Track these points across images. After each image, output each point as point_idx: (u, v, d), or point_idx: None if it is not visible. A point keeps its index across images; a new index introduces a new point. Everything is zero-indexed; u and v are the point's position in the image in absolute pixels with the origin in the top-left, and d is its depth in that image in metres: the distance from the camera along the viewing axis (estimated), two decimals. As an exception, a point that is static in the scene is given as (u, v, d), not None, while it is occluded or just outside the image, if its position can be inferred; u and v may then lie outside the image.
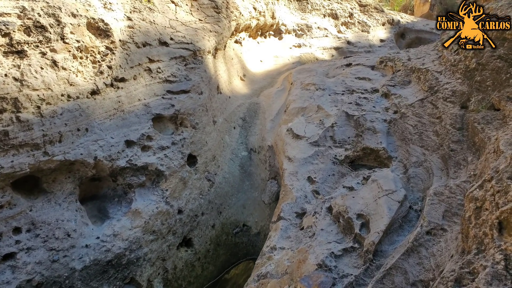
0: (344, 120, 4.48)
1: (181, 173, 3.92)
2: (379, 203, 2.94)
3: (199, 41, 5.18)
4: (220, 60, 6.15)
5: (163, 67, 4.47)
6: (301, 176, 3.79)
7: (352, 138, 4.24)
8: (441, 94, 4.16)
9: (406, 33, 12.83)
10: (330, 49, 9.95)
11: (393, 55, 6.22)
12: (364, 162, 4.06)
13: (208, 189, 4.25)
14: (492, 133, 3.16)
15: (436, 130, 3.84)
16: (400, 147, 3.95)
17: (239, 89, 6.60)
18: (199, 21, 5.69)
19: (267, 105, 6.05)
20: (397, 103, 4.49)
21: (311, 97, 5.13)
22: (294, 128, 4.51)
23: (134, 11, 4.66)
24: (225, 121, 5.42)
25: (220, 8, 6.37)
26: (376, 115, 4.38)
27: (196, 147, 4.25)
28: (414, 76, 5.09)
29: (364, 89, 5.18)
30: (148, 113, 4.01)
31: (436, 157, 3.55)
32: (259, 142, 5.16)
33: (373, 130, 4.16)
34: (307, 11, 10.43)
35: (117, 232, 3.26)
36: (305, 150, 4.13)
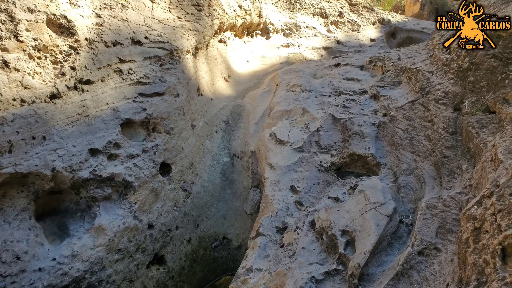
0: (330, 124, 4.19)
1: (152, 184, 3.59)
2: (366, 217, 2.65)
3: (176, 40, 4.86)
4: (202, 60, 5.83)
5: (136, 68, 4.14)
6: (283, 186, 3.49)
7: (338, 143, 3.95)
8: (433, 96, 3.89)
9: (397, 32, 12.62)
10: (319, 48, 9.68)
11: (382, 55, 5.96)
12: (352, 169, 3.78)
13: (184, 200, 3.93)
14: (488, 139, 2.89)
15: (428, 134, 3.57)
16: (390, 153, 3.67)
17: (222, 90, 6.29)
18: (178, 19, 5.37)
19: (251, 107, 5.75)
20: (386, 105, 4.21)
21: (296, 99, 4.83)
22: (278, 133, 4.21)
23: (105, 7, 4.33)
24: (206, 124, 5.10)
25: (201, 6, 6.05)
26: (364, 118, 4.10)
27: (170, 155, 3.93)
28: (404, 77, 4.83)
29: (352, 90, 4.90)
30: (116, 118, 3.68)
31: (428, 164, 3.27)
32: (242, 147, 4.86)
33: (361, 134, 3.87)
34: (295, 10, 10.15)
35: (76, 252, 2.92)
36: (289, 157, 3.83)
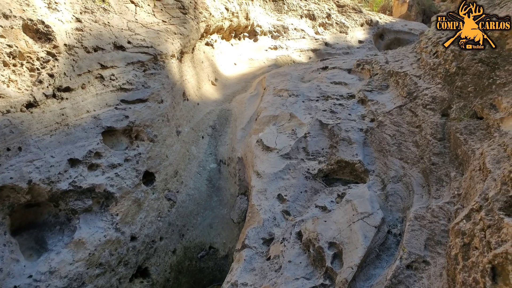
0: (318, 130, 4.13)
1: (135, 194, 3.48)
2: (354, 229, 2.58)
3: (161, 44, 4.75)
4: (188, 64, 5.73)
5: (118, 74, 4.02)
6: (270, 194, 3.41)
7: (326, 150, 3.88)
8: (421, 101, 3.86)
9: (385, 33, 12.65)
10: (308, 51, 9.63)
11: (370, 58, 5.92)
12: (339, 176, 3.72)
13: (168, 210, 3.83)
14: (476, 146, 2.85)
15: (416, 140, 3.52)
16: (378, 159, 3.62)
17: (209, 94, 6.19)
18: (163, 23, 5.26)
19: (239, 111, 5.66)
20: (374, 110, 4.17)
21: (283, 104, 4.76)
22: (265, 139, 4.13)
23: (85, 11, 4.20)
24: (192, 130, 5.00)
25: (187, 9, 5.95)
26: (352, 124, 4.04)
27: (154, 163, 3.82)
28: (392, 80, 4.79)
29: (339, 94, 4.85)
30: (97, 127, 3.56)
31: (416, 171, 3.22)
32: (229, 153, 4.77)
33: (348, 140, 3.82)
34: (283, 12, 10.09)
35: (54, 268, 2.80)
36: (276, 164, 3.76)
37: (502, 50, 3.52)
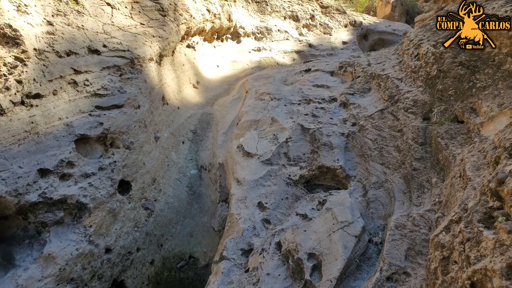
0: (299, 134, 4.05)
1: (109, 204, 3.35)
2: (334, 239, 2.51)
3: (138, 48, 4.61)
4: (167, 67, 5.60)
5: (92, 79, 3.88)
6: (250, 202, 3.32)
7: (307, 155, 3.81)
8: (402, 104, 3.82)
9: (369, 34, 12.70)
10: (291, 52, 9.58)
11: (353, 60, 5.89)
12: (321, 182, 3.65)
13: (146, 219, 3.70)
14: (456, 151, 2.81)
15: (397, 145, 3.48)
16: (359, 165, 3.56)
17: (190, 98, 6.07)
18: (141, 25, 5.12)
19: (221, 115, 5.56)
20: (355, 114, 4.11)
21: (265, 108, 4.68)
22: (245, 145, 4.04)
23: (58, 14, 4.05)
24: (171, 135, 4.88)
25: (166, 11, 5.82)
26: (333, 128, 3.98)
27: (130, 171, 3.69)
28: (374, 83, 4.75)
29: (321, 98, 4.79)
30: (70, 134, 3.42)
31: (398, 177, 3.17)
32: (210, 158, 4.66)
33: (330, 145, 3.75)
34: (266, 13, 10.02)
35: (21, 285, 2.65)
36: (257, 170, 3.67)
37: (481, 53, 3.50)
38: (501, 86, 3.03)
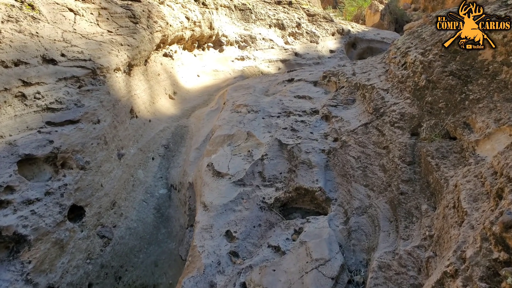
0: (276, 151, 3.67)
1: (56, 234, 2.92)
2: (306, 282, 2.11)
3: (102, 57, 4.21)
4: (139, 77, 5.20)
5: (45, 92, 3.47)
6: (217, 232, 2.91)
7: (284, 174, 3.43)
8: (388, 118, 3.47)
9: (357, 42, 12.47)
10: (277, 61, 9.26)
11: (337, 69, 5.56)
12: (299, 205, 3.26)
13: (101, 249, 3.27)
14: (449, 173, 2.45)
15: (383, 164, 3.11)
16: (341, 186, 3.18)
17: (165, 109, 5.67)
18: (108, 33, 4.73)
19: (196, 128, 5.17)
20: (337, 128, 3.75)
21: (240, 121, 4.30)
22: (216, 163, 3.64)
23: (8, 21, 3.64)
24: (139, 151, 4.46)
25: (138, 18, 5.44)
26: (313, 144, 3.61)
27: (84, 195, 3.26)
28: (359, 94, 4.41)
29: (302, 110, 4.43)
30: (12, 155, 2.98)
31: (383, 201, 2.80)
32: (181, 177, 4.25)
33: (309, 163, 3.37)
34: (251, 21, 9.71)
35: None
36: (227, 193, 3.27)
37: (474, 62, 3.17)
38: (497, 99, 2.69)
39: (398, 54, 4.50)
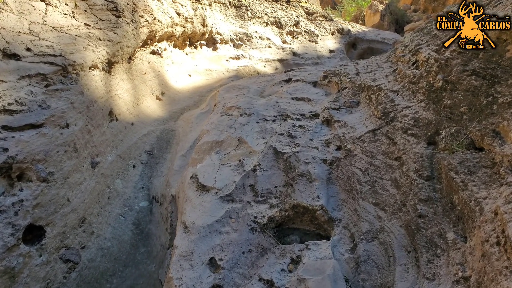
0: (271, 160, 3.21)
1: (6, 262, 2.43)
2: (306, 337, 1.65)
3: (76, 53, 3.74)
4: (121, 76, 4.73)
5: (3, 91, 3.00)
6: (198, 260, 2.44)
7: (280, 189, 2.96)
8: (400, 124, 3.01)
9: (357, 43, 12.05)
10: (274, 61, 8.80)
11: (339, 69, 5.11)
12: (297, 225, 2.79)
13: (65, 276, 2.79)
14: (481, 193, 1.99)
15: (395, 178, 2.65)
16: (346, 203, 2.72)
17: (150, 111, 5.19)
18: (85, 26, 4.26)
19: (183, 133, 4.69)
20: (341, 134, 3.29)
21: (231, 125, 3.83)
22: (201, 175, 3.17)
23: (-37, 8, 3.17)
24: (118, 158, 3.99)
25: (121, 11, 4.97)
26: (313, 153, 3.14)
27: (45, 212, 2.79)
28: (363, 96, 3.96)
29: (301, 113, 3.97)
30: (-44, 165, 2.51)
31: (397, 224, 2.34)
32: (163, 188, 3.78)
33: (308, 176, 2.91)
34: (246, 19, 9.25)
35: None
36: (212, 210, 2.80)
37: (501, 59, 2.72)
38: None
39: (407, 52, 4.05)
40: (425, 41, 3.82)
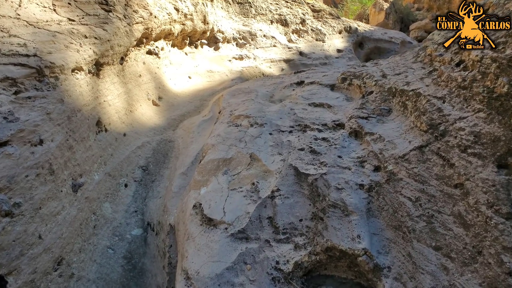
0: (292, 184, 2.60)
1: None
2: None
3: (55, 52, 3.13)
4: (111, 79, 4.12)
5: (-41, 99, 2.38)
6: (205, 325, 1.83)
7: (306, 223, 2.35)
8: (455, 140, 2.40)
9: (364, 42, 11.48)
10: (279, 61, 8.20)
11: (359, 70, 4.50)
12: (330, 271, 2.19)
13: None
14: None
15: (459, 213, 2.04)
16: (395, 245, 2.11)
17: (146, 119, 4.58)
18: (68, 22, 3.65)
19: (184, 144, 4.09)
20: (377, 151, 2.68)
21: (241, 139, 3.22)
22: (206, 203, 2.56)
23: None
24: (107, 177, 3.38)
25: (112, 5, 4.36)
26: (345, 175, 2.54)
27: (7, 257, 2.17)
28: (396, 103, 3.36)
29: (322, 123, 3.36)
30: None
31: (474, 282, 1.73)
32: (160, 213, 3.17)
33: (343, 207, 2.30)
34: (250, 16, 8.65)
35: None
36: (222, 254, 2.19)
37: None
38: None
39: (443, 51, 3.45)
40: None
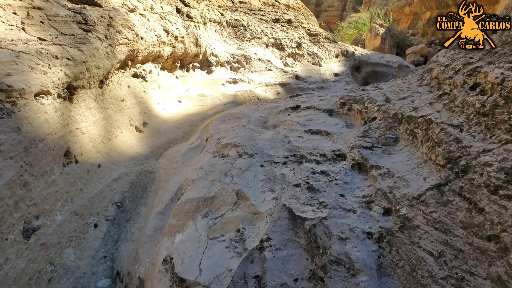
0: (286, 231, 2.16)
1: None
2: None
3: (15, 74, 2.75)
4: (87, 104, 3.72)
5: None
6: None
7: (303, 283, 1.89)
8: (481, 178, 1.98)
9: (361, 66, 11.27)
10: (275, 85, 7.88)
11: (359, 94, 4.14)
12: None
13: None
14: None
15: (498, 275, 1.60)
16: (415, 315, 1.65)
17: (126, 147, 4.16)
18: (38, 41, 3.28)
19: (165, 176, 3.65)
20: (386, 189, 2.25)
21: (226, 172, 2.79)
22: (179, 258, 2.09)
23: None
24: (74, 216, 2.93)
25: (92, 25, 4.02)
26: (350, 220, 2.10)
27: None
28: (403, 130, 2.96)
29: (320, 153, 2.95)
30: None
31: None
32: (130, 262, 2.69)
33: (348, 264, 1.85)
34: (245, 40, 8.39)
35: None
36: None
37: None
38: None
39: (452, 73, 3.10)
40: (480, 57, 2.87)
